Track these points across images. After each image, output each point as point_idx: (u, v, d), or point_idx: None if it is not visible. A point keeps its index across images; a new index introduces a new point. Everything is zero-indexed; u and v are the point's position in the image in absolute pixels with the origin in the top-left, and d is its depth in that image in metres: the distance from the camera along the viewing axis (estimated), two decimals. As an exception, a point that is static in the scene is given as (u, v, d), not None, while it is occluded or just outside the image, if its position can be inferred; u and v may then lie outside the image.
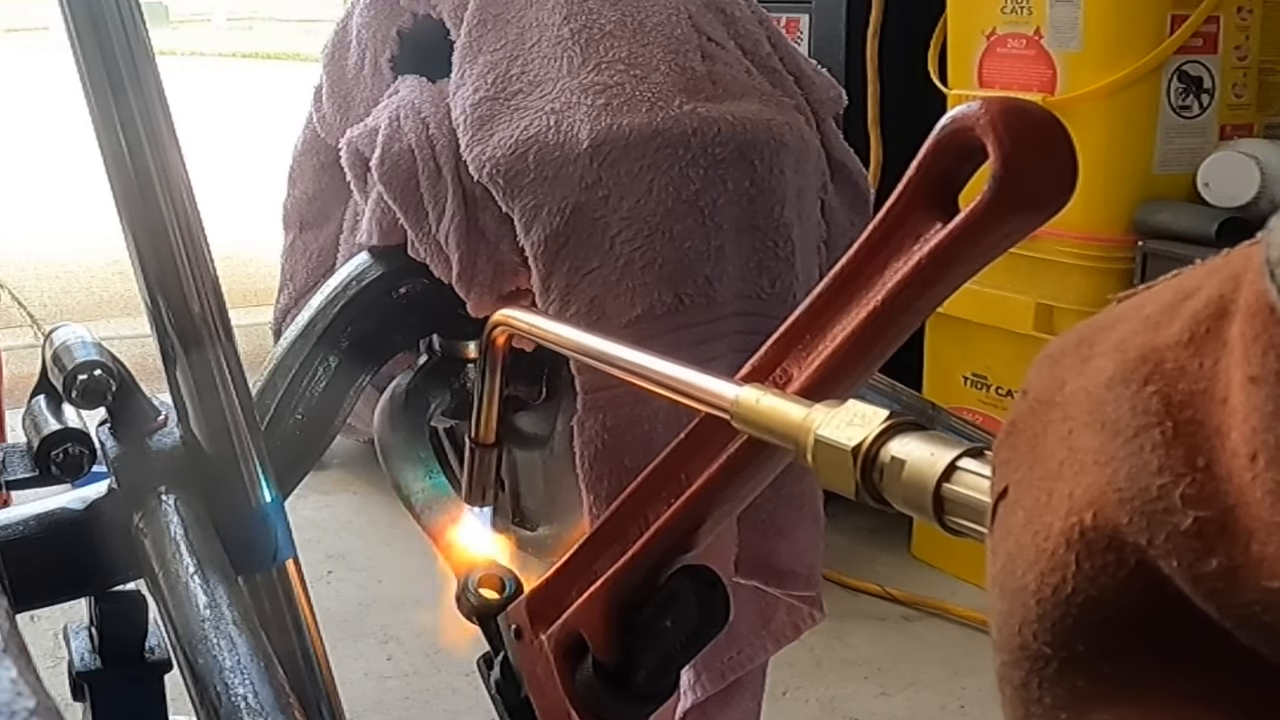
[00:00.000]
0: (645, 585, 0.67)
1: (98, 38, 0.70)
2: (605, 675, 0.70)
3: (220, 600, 0.65)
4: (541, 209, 0.82)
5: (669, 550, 0.66)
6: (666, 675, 0.69)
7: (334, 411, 0.92)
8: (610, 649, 0.69)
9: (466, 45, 0.88)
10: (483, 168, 0.83)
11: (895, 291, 0.44)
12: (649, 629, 0.68)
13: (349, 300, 0.91)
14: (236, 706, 0.56)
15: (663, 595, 0.66)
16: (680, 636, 0.66)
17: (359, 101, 0.99)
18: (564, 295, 0.83)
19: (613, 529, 0.71)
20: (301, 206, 1.07)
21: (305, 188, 1.06)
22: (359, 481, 2.36)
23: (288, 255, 1.08)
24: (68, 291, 3.83)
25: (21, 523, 0.77)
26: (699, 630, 0.65)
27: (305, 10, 11.82)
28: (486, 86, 0.86)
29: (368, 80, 0.98)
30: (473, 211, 0.87)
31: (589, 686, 0.70)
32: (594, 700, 0.70)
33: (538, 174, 0.82)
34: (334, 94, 1.01)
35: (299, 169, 1.07)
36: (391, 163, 0.89)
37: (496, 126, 0.84)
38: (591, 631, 0.70)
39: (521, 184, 0.82)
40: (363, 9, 0.98)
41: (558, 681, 0.71)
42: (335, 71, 1.01)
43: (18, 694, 0.26)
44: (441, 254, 0.89)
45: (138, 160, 0.72)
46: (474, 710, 1.75)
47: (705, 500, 0.62)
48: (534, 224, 0.82)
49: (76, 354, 0.77)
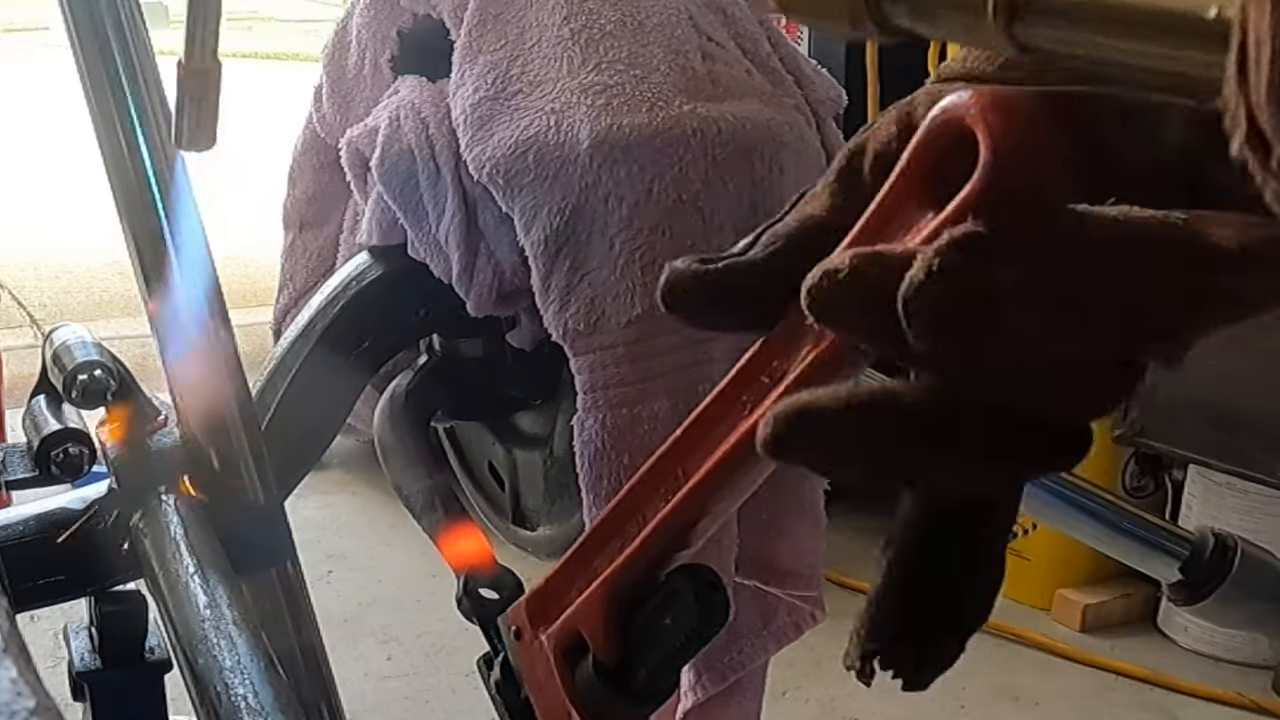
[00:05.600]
0: (645, 583, 0.67)
1: (98, 38, 0.70)
2: (605, 675, 0.70)
3: (220, 600, 0.65)
4: (541, 209, 0.82)
5: (667, 547, 0.66)
6: (667, 674, 0.70)
7: (334, 411, 0.92)
8: (610, 648, 0.69)
9: (466, 45, 0.88)
10: (483, 167, 0.83)
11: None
12: (649, 627, 0.68)
13: (349, 300, 0.91)
14: (236, 706, 0.56)
15: (662, 594, 0.67)
16: (680, 635, 0.67)
17: (359, 101, 0.99)
18: (563, 295, 0.83)
19: (611, 527, 0.71)
20: (301, 206, 1.07)
21: (305, 188, 1.06)
22: (359, 482, 2.36)
23: (287, 255, 1.08)
24: (68, 291, 3.83)
25: (21, 523, 0.77)
26: (699, 629, 0.66)
27: (305, 10, 11.82)
28: (487, 86, 0.86)
29: (368, 80, 0.98)
30: (472, 211, 0.87)
31: (589, 686, 0.70)
32: (594, 700, 0.70)
33: (538, 174, 0.82)
34: (334, 94, 1.01)
35: (299, 169, 1.07)
36: (391, 163, 0.89)
37: (497, 126, 0.84)
38: (591, 630, 0.70)
39: (521, 184, 0.82)
40: (363, 9, 0.98)
41: (558, 681, 0.71)
42: (335, 71, 1.01)
43: (17, 694, 0.26)
44: (441, 253, 0.89)
45: (138, 160, 0.72)
46: (473, 711, 1.75)
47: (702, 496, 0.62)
48: (534, 224, 0.82)
49: (76, 354, 0.77)
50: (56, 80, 4.04)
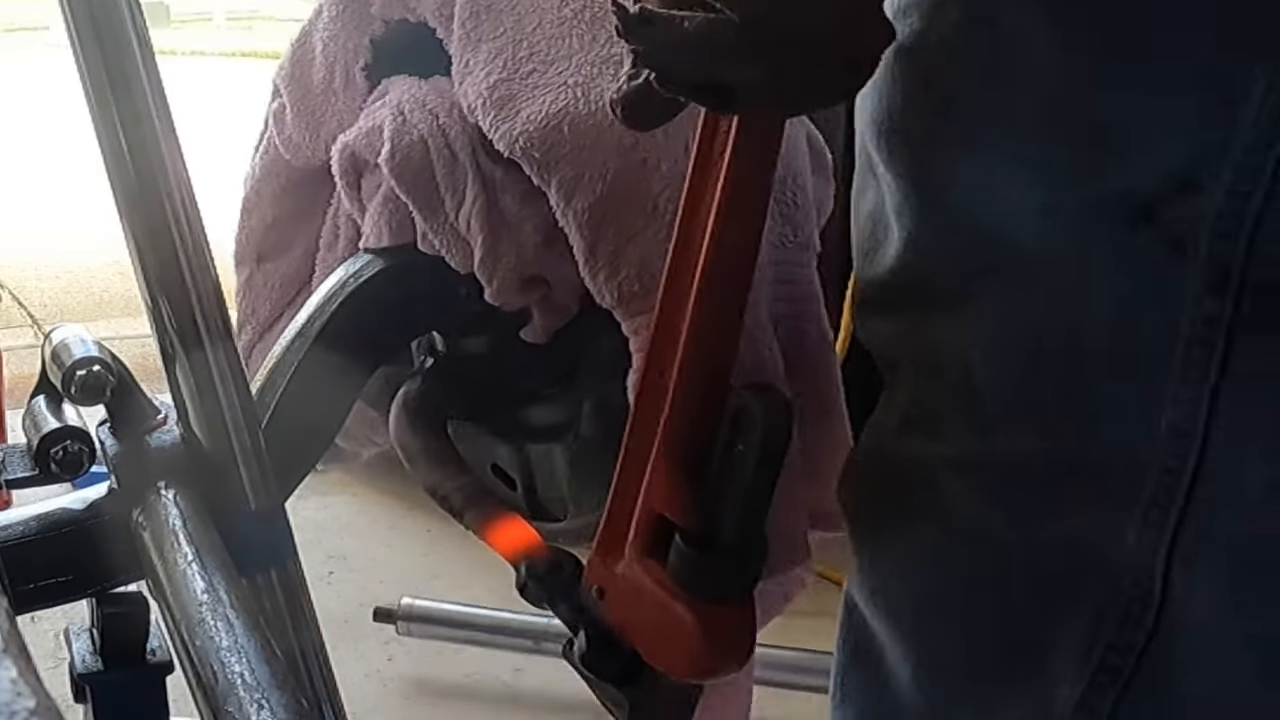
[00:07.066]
0: (700, 428, 0.68)
1: (98, 38, 0.70)
2: (695, 542, 0.69)
3: (218, 586, 0.65)
4: (582, 177, 0.82)
5: (705, 382, 0.67)
6: (753, 523, 0.68)
7: (335, 410, 0.92)
8: (689, 510, 0.68)
9: (464, 37, 0.88)
10: (514, 143, 0.83)
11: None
12: (720, 466, 0.68)
13: (347, 297, 0.91)
14: (233, 684, 0.55)
15: (724, 424, 0.66)
16: (752, 457, 0.66)
17: (330, 116, 0.98)
18: (612, 260, 0.82)
19: (639, 431, 0.71)
20: (258, 238, 1.06)
21: (263, 215, 1.05)
22: (359, 483, 2.36)
23: (244, 292, 1.07)
24: (68, 291, 3.83)
25: (22, 523, 0.77)
26: (768, 441, 0.65)
27: (305, 10, 11.82)
28: (499, 70, 0.85)
29: (339, 93, 0.97)
30: (493, 195, 0.87)
31: (684, 561, 0.70)
32: (694, 574, 0.69)
33: (574, 144, 0.82)
34: (300, 113, 0.99)
35: (256, 198, 1.05)
36: (403, 155, 0.89)
37: (520, 104, 0.84)
38: (667, 501, 0.69)
39: (559, 155, 0.82)
40: (327, 23, 0.97)
41: (652, 582, 0.70)
42: (298, 91, 1.00)
43: (18, 694, 0.26)
44: (460, 241, 0.89)
45: (138, 160, 0.72)
46: (475, 711, 1.75)
47: (708, 308, 0.68)
48: (575, 193, 0.82)
49: (75, 351, 0.77)
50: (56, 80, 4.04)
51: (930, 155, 0.62)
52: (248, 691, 0.54)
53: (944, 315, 0.63)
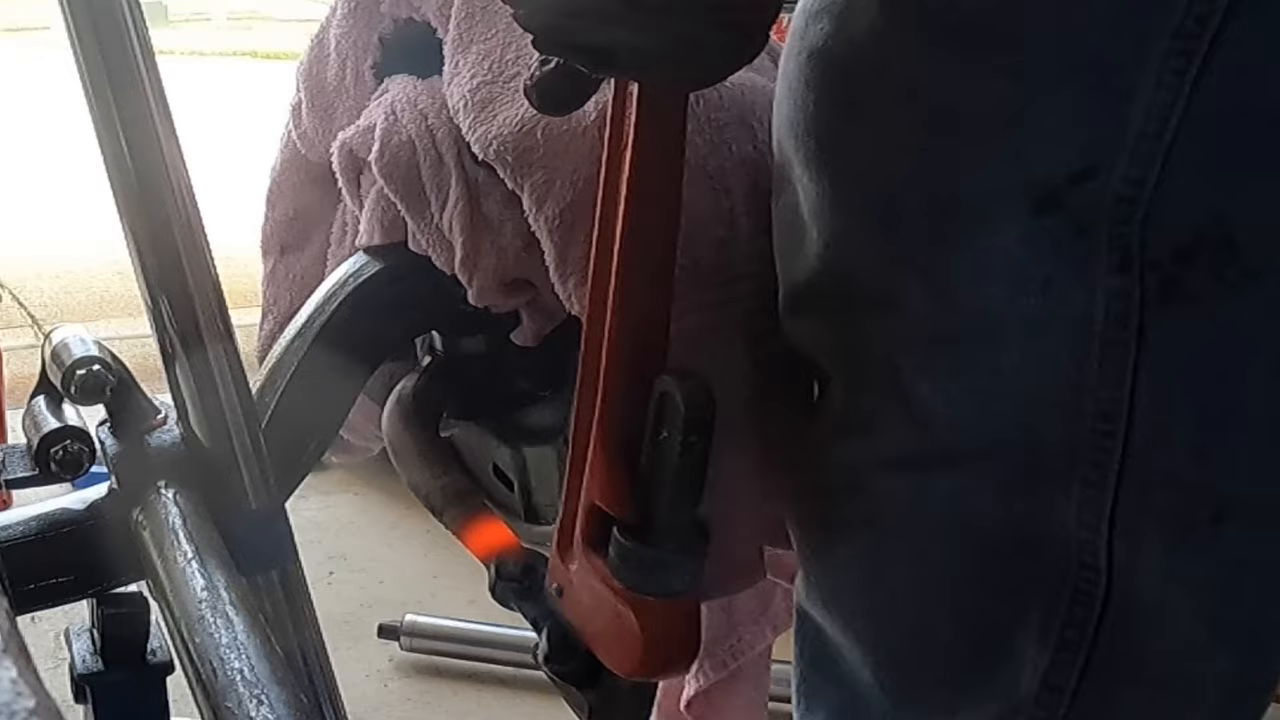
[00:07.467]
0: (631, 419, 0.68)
1: (98, 38, 0.70)
2: (628, 531, 0.69)
3: (218, 583, 0.65)
4: (554, 183, 0.82)
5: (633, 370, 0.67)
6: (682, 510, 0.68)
7: (335, 410, 0.92)
8: (623, 499, 0.68)
9: (456, 38, 0.88)
10: (489, 146, 0.83)
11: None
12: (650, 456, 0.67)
13: (347, 296, 0.91)
14: (232, 680, 0.55)
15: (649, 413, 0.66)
16: (676, 442, 0.66)
17: (342, 112, 0.98)
18: (582, 267, 0.82)
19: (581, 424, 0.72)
20: (282, 229, 1.06)
21: (285, 209, 1.06)
22: (360, 482, 2.36)
23: (269, 282, 1.07)
24: (68, 291, 3.83)
25: (22, 524, 0.77)
26: (690, 425, 0.65)
27: (305, 10, 11.82)
28: (484, 72, 0.86)
29: (350, 89, 0.98)
30: (475, 197, 0.87)
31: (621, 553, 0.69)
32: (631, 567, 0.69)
33: (548, 149, 0.82)
34: (315, 108, 1.00)
35: (278, 190, 1.06)
36: (392, 154, 0.89)
37: (499, 108, 0.84)
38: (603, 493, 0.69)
39: (532, 160, 0.82)
40: (340, 20, 0.98)
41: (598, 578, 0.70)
42: (314, 86, 1.00)
43: (17, 694, 0.26)
44: (444, 242, 0.89)
45: (138, 160, 0.72)
46: (475, 711, 1.75)
47: (628, 294, 0.70)
48: (547, 199, 0.82)
49: (75, 351, 0.77)
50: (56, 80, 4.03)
51: (842, 158, 0.63)
52: (247, 687, 0.54)
53: (867, 316, 0.64)
